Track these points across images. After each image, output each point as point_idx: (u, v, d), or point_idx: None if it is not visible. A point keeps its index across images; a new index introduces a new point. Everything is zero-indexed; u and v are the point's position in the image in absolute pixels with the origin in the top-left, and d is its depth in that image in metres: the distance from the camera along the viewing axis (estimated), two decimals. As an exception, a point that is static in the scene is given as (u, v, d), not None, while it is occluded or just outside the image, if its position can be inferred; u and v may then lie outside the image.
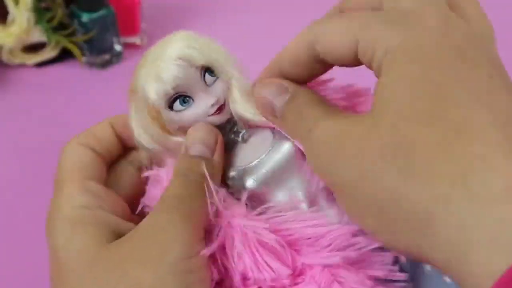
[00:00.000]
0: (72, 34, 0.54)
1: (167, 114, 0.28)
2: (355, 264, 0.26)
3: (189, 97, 0.28)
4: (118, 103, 0.52)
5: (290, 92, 0.26)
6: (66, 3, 0.55)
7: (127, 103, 0.29)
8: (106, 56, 0.56)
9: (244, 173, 0.28)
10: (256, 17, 0.66)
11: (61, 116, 0.51)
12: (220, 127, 0.29)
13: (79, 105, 0.53)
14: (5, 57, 0.56)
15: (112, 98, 0.53)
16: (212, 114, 0.28)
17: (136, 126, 0.29)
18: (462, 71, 0.20)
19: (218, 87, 0.29)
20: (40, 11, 0.53)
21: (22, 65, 0.57)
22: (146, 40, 0.60)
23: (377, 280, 0.26)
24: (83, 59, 0.56)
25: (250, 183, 0.28)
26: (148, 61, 0.29)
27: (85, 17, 0.53)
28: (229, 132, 0.30)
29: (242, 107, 0.29)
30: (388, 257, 0.26)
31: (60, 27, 0.54)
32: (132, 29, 0.58)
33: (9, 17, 0.52)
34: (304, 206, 0.28)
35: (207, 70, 0.29)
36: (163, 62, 0.28)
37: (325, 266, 0.25)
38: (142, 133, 0.28)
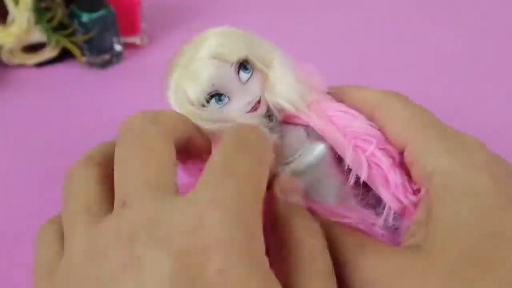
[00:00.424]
0: (72, 34, 0.54)
1: (204, 112, 0.28)
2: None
3: (225, 95, 0.28)
4: (118, 103, 0.52)
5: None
6: (66, 3, 0.55)
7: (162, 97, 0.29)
8: (106, 56, 0.56)
9: (278, 169, 0.28)
10: (256, 17, 0.66)
11: (61, 116, 0.51)
12: (261, 123, 0.29)
13: (79, 105, 0.52)
14: (5, 57, 0.56)
15: (112, 98, 0.53)
16: (248, 112, 0.28)
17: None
18: None
19: (253, 84, 0.29)
20: (40, 11, 0.53)
21: (22, 65, 0.57)
22: (146, 40, 0.60)
23: None
24: (83, 59, 0.56)
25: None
26: (183, 60, 0.29)
27: (85, 17, 0.53)
28: (264, 127, 0.29)
29: (279, 97, 0.29)
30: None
31: (60, 27, 0.54)
32: (132, 29, 0.58)
33: (9, 17, 0.52)
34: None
35: (242, 65, 0.29)
36: (198, 62, 0.28)
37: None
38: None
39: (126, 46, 0.59)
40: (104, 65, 0.57)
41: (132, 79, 0.55)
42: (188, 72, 0.28)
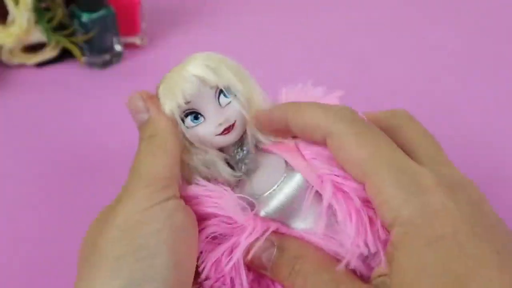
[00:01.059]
0: (72, 34, 0.54)
1: (181, 127, 0.29)
2: None
3: (201, 115, 0.29)
4: (118, 103, 0.52)
5: (276, 245, 0.27)
6: (66, 3, 0.55)
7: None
8: (106, 56, 0.56)
9: (255, 202, 0.29)
10: (256, 18, 0.66)
11: (61, 116, 0.51)
12: (227, 149, 0.30)
13: (79, 105, 0.53)
14: (5, 57, 0.56)
15: (112, 98, 0.53)
16: (219, 134, 0.29)
17: None
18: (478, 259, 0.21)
19: (231, 108, 0.29)
20: (40, 11, 0.53)
21: (22, 65, 0.57)
22: (146, 40, 0.60)
23: None
24: (83, 59, 0.56)
25: (262, 214, 0.28)
26: (168, 77, 0.30)
27: (85, 17, 0.53)
28: (235, 157, 0.30)
29: (257, 132, 0.30)
30: None
31: (60, 27, 0.54)
32: (132, 29, 0.58)
33: (9, 17, 0.52)
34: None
35: (223, 91, 0.29)
36: (179, 78, 0.29)
37: None
38: None
39: (126, 46, 0.59)
40: (104, 65, 0.57)
41: (132, 79, 0.55)
42: (167, 86, 0.29)
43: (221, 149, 0.30)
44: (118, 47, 0.57)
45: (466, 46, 0.61)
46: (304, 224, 0.29)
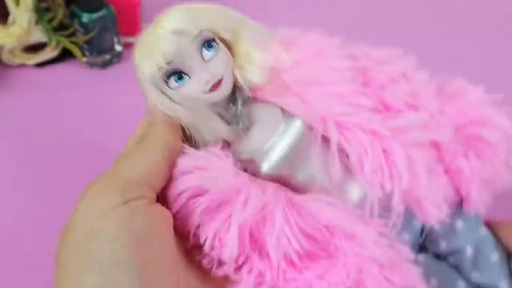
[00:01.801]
0: (73, 34, 0.55)
1: (166, 91, 0.27)
2: (385, 268, 0.26)
3: (185, 73, 0.27)
4: (118, 103, 0.52)
5: None
6: (66, 3, 0.55)
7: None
8: (107, 56, 0.56)
9: (257, 158, 0.27)
10: (256, 18, 0.66)
11: (62, 116, 0.51)
12: (218, 104, 0.28)
13: (80, 105, 0.53)
14: (6, 57, 0.56)
15: (113, 98, 0.53)
16: (207, 91, 0.27)
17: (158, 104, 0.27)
18: None
19: (217, 62, 0.27)
20: (41, 11, 0.54)
21: (23, 65, 0.57)
22: (146, 40, 0.60)
23: (400, 285, 0.25)
24: (84, 59, 0.56)
25: (265, 169, 0.27)
26: (143, 38, 0.27)
27: (86, 18, 0.53)
28: (230, 113, 0.28)
29: (248, 72, 0.27)
30: (415, 269, 0.26)
31: (61, 28, 0.54)
32: (132, 29, 0.58)
33: (10, 18, 0.53)
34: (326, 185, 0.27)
35: (206, 43, 0.27)
36: (155, 37, 0.26)
37: (355, 258, 0.25)
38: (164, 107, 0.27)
39: (126, 46, 0.59)
40: (105, 65, 0.57)
41: (132, 79, 0.55)
42: (143, 48, 0.27)
43: (213, 105, 0.27)
44: (118, 47, 0.57)
45: (466, 46, 0.61)
46: (313, 173, 0.27)
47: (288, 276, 0.25)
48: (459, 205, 0.30)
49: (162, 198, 0.26)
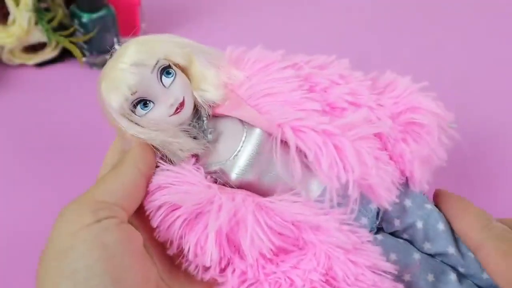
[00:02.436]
0: (72, 34, 0.55)
1: (134, 119, 0.30)
2: (350, 252, 0.29)
3: (150, 101, 0.30)
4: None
5: None
6: (66, 3, 0.55)
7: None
8: (107, 56, 0.56)
9: (225, 168, 0.30)
10: (256, 17, 0.66)
11: (62, 116, 0.51)
12: (186, 122, 0.31)
13: (79, 105, 0.53)
14: (6, 57, 0.56)
15: (112, 98, 0.53)
16: (173, 114, 0.30)
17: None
18: None
19: (176, 86, 0.30)
20: (41, 11, 0.54)
21: (23, 65, 0.57)
22: (146, 40, 0.60)
23: (366, 266, 0.29)
24: (83, 59, 0.56)
25: (233, 177, 0.30)
26: (106, 73, 0.31)
27: (85, 18, 0.53)
28: (196, 129, 0.31)
29: (205, 91, 0.31)
30: (376, 249, 0.30)
31: (61, 28, 0.54)
32: (132, 29, 0.58)
33: (10, 18, 0.53)
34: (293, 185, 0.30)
35: (163, 70, 0.30)
36: (118, 72, 0.30)
37: (322, 246, 0.29)
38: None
39: (126, 46, 0.59)
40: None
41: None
42: (108, 82, 0.30)
43: (179, 124, 0.31)
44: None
45: (466, 46, 0.61)
46: (277, 175, 0.30)
47: (267, 271, 0.29)
48: (405, 185, 0.34)
49: (142, 212, 0.29)
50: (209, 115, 0.31)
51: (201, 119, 0.31)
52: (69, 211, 0.26)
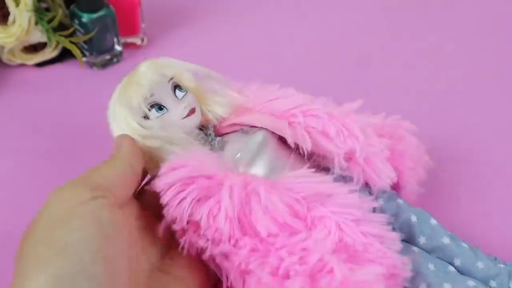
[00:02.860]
0: (72, 34, 0.55)
1: (146, 124, 0.33)
2: (356, 221, 0.30)
3: (164, 106, 0.33)
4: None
5: None
6: (66, 3, 0.55)
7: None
8: (107, 56, 0.56)
9: (236, 163, 0.33)
10: (256, 17, 0.66)
11: (62, 116, 0.51)
12: (194, 134, 0.34)
13: (79, 105, 0.53)
14: (6, 57, 0.56)
15: (113, 98, 0.53)
16: (185, 117, 0.34)
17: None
18: None
19: (188, 98, 0.34)
20: (41, 11, 0.54)
21: (23, 65, 0.57)
22: (146, 40, 0.60)
23: (373, 235, 0.30)
24: (84, 59, 0.56)
25: (241, 171, 0.32)
26: (126, 81, 0.34)
27: (85, 18, 0.53)
28: (204, 138, 0.35)
29: (213, 106, 0.35)
30: (383, 218, 0.31)
31: (61, 28, 0.54)
32: (132, 29, 0.58)
33: (10, 18, 0.53)
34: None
35: (177, 87, 0.34)
36: (139, 77, 0.33)
37: (333, 218, 0.30)
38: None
39: (126, 46, 0.59)
40: (105, 65, 0.57)
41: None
42: (129, 85, 0.34)
43: (189, 134, 0.34)
44: (118, 47, 0.57)
45: (466, 46, 0.61)
46: (281, 168, 0.33)
47: (277, 245, 0.29)
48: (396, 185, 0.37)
49: (141, 199, 0.31)
50: (215, 126, 0.35)
51: (209, 132, 0.35)
52: (64, 188, 0.26)
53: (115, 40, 0.56)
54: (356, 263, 0.29)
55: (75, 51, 0.54)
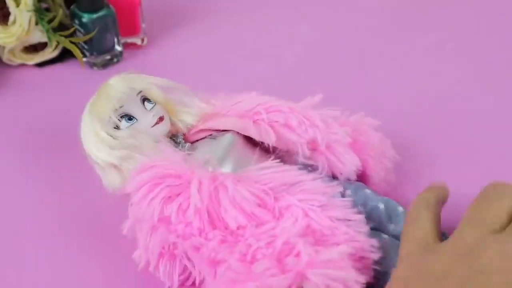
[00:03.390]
0: (73, 34, 0.55)
1: (117, 134, 0.36)
2: (322, 206, 0.32)
3: (133, 116, 0.36)
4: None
5: None
6: (66, 3, 0.55)
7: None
8: (107, 57, 0.56)
9: (206, 165, 0.35)
10: (256, 17, 0.66)
11: (62, 116, 0.51)
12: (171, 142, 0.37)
13: (80, 105, 0.53)
14: (6, 57, 0.56)
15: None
16: (154, 125, 0.36)
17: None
18: None
19: (156, 108, 0.37)
20: (41, 11, 0.54)
21: (23, 65, 0.57)
22: (146, 40, 0.60)
23: (338, 219, 0.32)
24: (84, 59, 0.56)
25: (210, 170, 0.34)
26: (96, 95, 0.38)
27: (86, 18, 0.53)
28: (173, 144, 0.37)
29: (182, 116, 0.38)
30: (348, 202, 0.33)
31: (61, 28, 0.54)
32: (133, 29, 0.58)
33: (10, 18, 0.53)
34: None
35: (146, 99, 0.37)
36: (109, 89, 0.36)
37: (300, 205, 0.31)
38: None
39: (126, 46, 0.59)
40: (105, 65, 0.57)
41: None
42: (100, 95, 0.37)
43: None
44: (118, 48, 0.57)
45: (466, 46, 0.61)
46: (246, 164, 0.35)
47: (246, 235, 0.30)
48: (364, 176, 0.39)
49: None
50: (184, 134, 0.38)
51: (178, 138, 0.38)
52: None
53: (115, 40, 0.56)
54: (323, 246, 0.30)
55: (75, 51, 0.54)
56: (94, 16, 0.53)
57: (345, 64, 0.58)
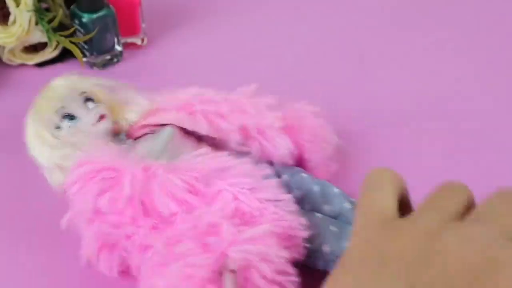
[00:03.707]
0: (73, 34, 0.55)
1: (59, 134, 0.37)
2: (252, 189, 0.33)
3: (75, 116, 0.37)
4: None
5: None
6: (66, 3, 0.55)
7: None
8: (107, 56, 0.56)
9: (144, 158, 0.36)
10: (256, 17, 0.66)
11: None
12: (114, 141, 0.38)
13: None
14: (6, 57, 0.56)
15: (113, 98, 0.53)
16: (95, 123, 0.38)
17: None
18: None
19: (99, 107, 0.38)
20: (41, 11, 0.54)
21: (23, 65, 0.57)
22: (146, 40, 0.60)
23: (267, 200, 0.33)
24: (84, 59, 0.56)
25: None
26: (39, 98, 0.39)
27: (86, 18, 0.53)
28: (118, 143, 0.38)
29: (124, 114, 0.40)
30: (276, 182, 0.34)
31: (61, 28, 0.54)
32: (133, 29, 0.58)
33: (10, 18, 0.53)
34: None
35: (89, 100, 0.38)
36: (51, 92, 0.38)
37: (230, 189, 0.32)
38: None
39: (126, 46, 0.59)
40: (105, 65, 0.57)
41: (132, 79, 0.55)
42: (42, 97, 0.38)
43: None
44: (118, 48, 0.57)
45: (466, 46, 0.61)
46: (179, 158, 0.35)
47: (178, 220, 0.31)
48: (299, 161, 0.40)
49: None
50: (128, 131, 0.39)
51: (121, 135, 0.39)
52: None
53: (115, 40, 0.56)
54: (251, 226, 0.31)
55: (76, 51, 0.54)
56: (94, 16, 0.53)
57: (345, 64, 0.58)
